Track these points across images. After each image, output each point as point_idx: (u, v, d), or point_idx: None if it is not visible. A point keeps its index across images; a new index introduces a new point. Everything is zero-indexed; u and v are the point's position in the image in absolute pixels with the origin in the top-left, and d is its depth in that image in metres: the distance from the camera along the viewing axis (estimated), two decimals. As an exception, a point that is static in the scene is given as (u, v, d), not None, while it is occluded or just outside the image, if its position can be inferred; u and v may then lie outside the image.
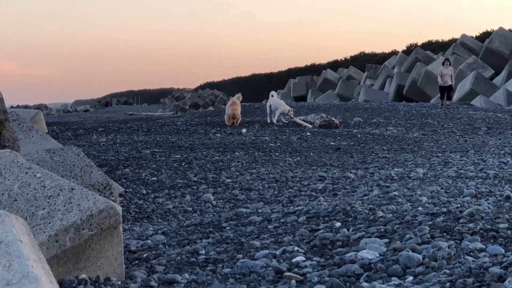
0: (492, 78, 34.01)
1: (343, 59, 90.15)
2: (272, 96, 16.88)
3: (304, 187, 7.13)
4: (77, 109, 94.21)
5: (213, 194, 7.01)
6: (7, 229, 2.22)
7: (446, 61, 23.24)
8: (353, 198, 5.96)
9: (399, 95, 38.39)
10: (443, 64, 23.31)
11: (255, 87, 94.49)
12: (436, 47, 58.16)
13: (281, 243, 4.29)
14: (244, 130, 14.17)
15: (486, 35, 49.31)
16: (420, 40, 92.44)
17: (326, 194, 6.61)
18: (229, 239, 4.58)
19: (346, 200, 5.82)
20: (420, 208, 4.83)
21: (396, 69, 44.82)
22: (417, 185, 6.54)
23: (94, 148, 11.10)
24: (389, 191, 6.07)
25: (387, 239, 3.95)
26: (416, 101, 31.97)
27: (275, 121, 16.22)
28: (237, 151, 10.39)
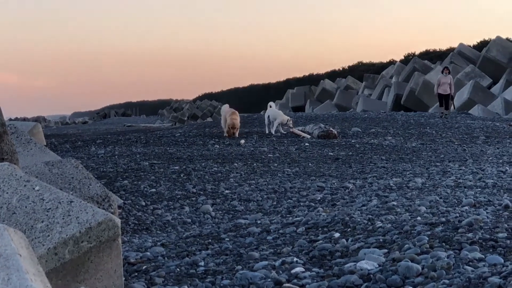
0: (490, 87, 34.11)
1: (341, 69, 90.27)
2: (270, 106, 16.91)
3: (302, 198, 7.13)
4: (75, 121, 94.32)
5: (212, 205, 7.00)
6: (5, 243, 2.22)
7: (445, 69, 23.25)
8: (352, 208, 5.97)
9: (397, 105, 38.47)
10: (442, 72, 23.30)
11: (253, 98, 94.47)
12: (433, 57, 58.26)
13: (280, 254, 4.29)
14: (242, 141, 14.18)
15: (483, 44, 49.43)
16: (417, 49, 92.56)
17: (324, 204, 6.61)
18: (228, 251, 4.58)
19: (344, 210, 5.82)
20: (418, 218, 4.83)
21: (394, 79, 44.95)
22: (416, 194, 6.55)
23: (92, 160, 11.09)
24: (388, 201, 6.08)
25: (386, 250, 3.95)
26: (414, 111, 32.06)
27: (274, 131, 16.24)
28: (236, 162, 10.38)
